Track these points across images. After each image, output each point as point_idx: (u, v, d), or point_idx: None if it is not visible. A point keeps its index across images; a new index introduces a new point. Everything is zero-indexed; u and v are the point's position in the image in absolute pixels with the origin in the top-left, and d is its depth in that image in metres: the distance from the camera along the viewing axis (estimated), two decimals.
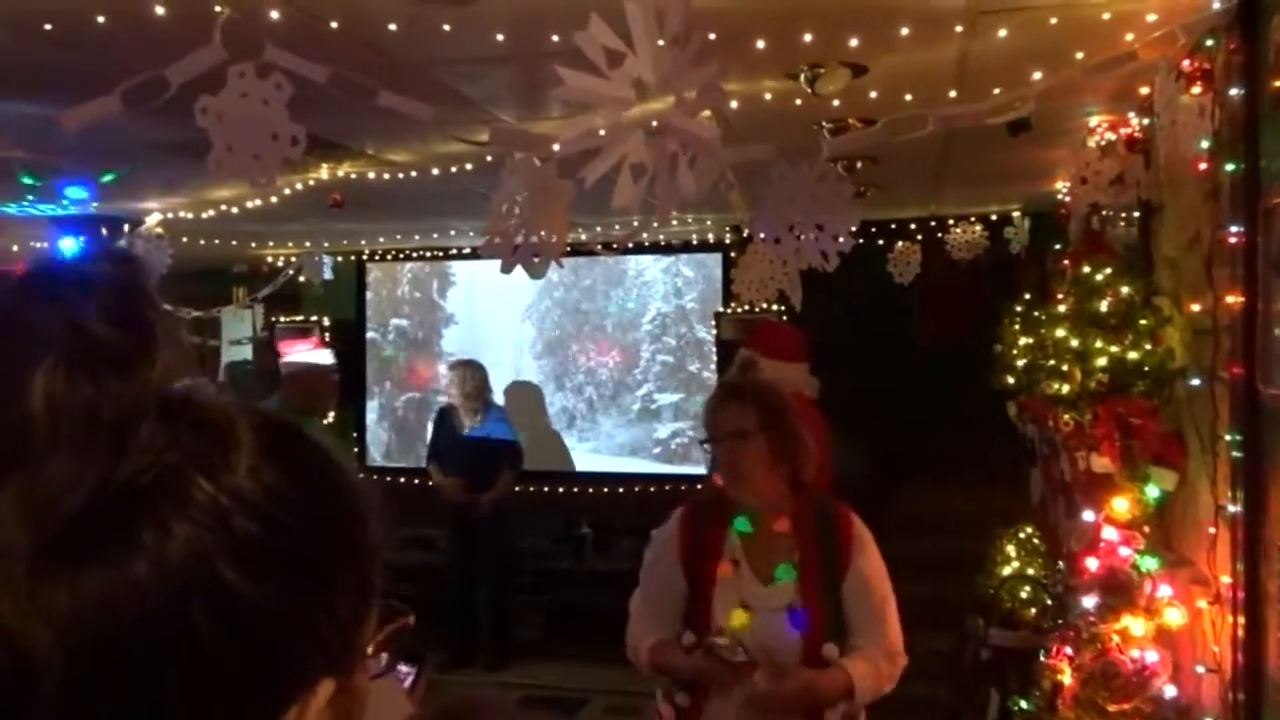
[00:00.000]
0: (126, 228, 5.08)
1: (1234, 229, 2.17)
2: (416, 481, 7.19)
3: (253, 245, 6.65)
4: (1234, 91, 2.19)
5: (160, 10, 2.12)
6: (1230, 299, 2.20)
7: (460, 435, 6.00)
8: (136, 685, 0.51)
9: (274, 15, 2.13)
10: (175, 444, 0.55)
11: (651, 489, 6.36)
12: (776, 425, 2.24)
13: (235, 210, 4.77)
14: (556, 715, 4.93)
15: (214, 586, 0.53)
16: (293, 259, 7.17)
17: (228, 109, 1.96)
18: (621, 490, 6.89)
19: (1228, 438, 2.21)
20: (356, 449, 7.53)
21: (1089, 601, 2.53)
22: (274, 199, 4.40)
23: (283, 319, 7.30)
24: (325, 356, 4.32)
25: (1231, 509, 2.16)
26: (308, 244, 6.85)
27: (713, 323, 6.70)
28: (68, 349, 0.54)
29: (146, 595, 0.51)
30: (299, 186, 4.21)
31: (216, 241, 6.03)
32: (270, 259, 7.25)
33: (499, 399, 6.53)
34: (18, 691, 0.50)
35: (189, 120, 1.93)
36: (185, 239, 5.65)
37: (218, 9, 1.95)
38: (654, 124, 1.32)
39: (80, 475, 0.52)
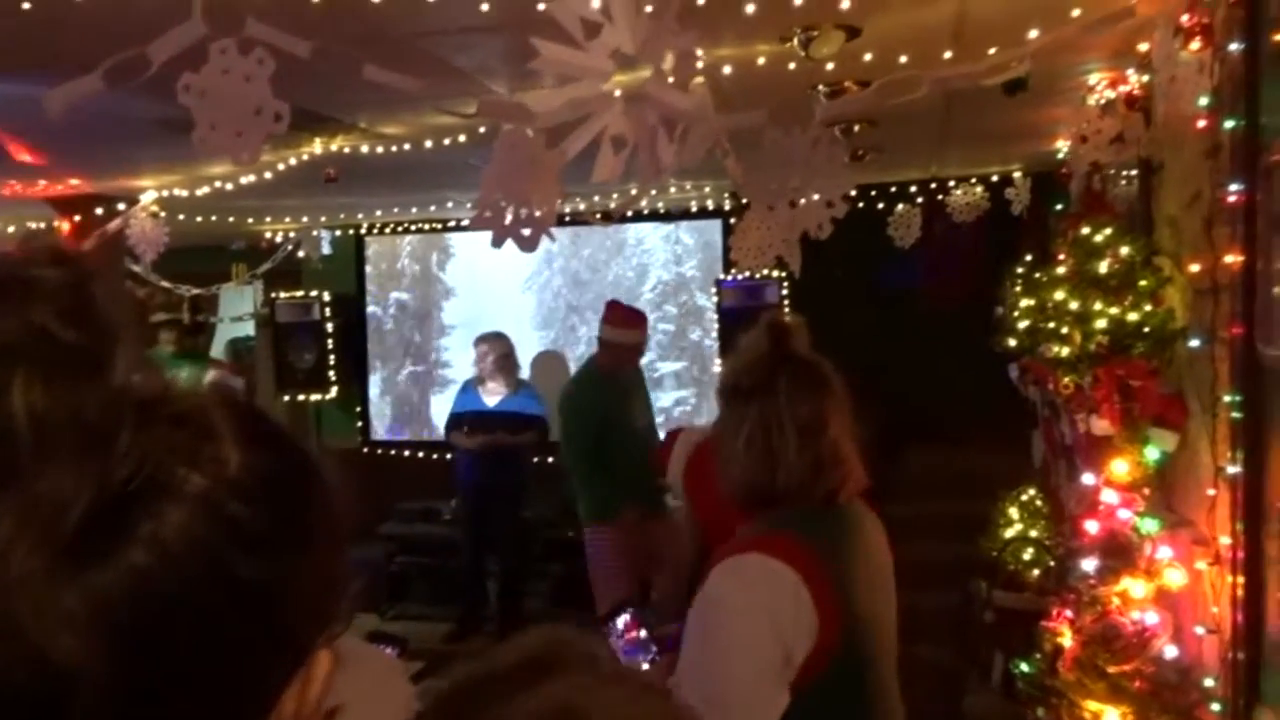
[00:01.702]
0: (122, 206, 5.06)
1: (1234, 187, 2.14)
2: (421, 455, 7.22)
3: (250, 221, 6.63)
4: (1234, 47, 2.15)
5: None
6: (1230, 258, 2.18)
7: (487, 409, 5.98)
8: (164, 674, 0.54)
9: None
10: (159, 442, 0.56)
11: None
12: None
13: (230, 186, 4.75)
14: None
15: (220, 570, 0.55)
16: (291, 234, 7.15)
17: (210, 86, 1.93)
18: None
19: (1227, 398, 2.19)
20: (360, 423, 7.55)
21: (1089, 564, 2.53)
22: (268, 175, 4.38)
23: (283, 294, 7.29)
24: (237, 382, 5.07)
25: (1231, 470, 2.15)
26: (305, 219, 6.83)
27: (714, 290, 6.67)
28: (37, 357, 0.55)
29: (158, 587, 0.53)
30: (293, 162, 4.19)
31: (214, 218, 6.01)
32: (269, 234, 7.23)
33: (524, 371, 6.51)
34: (61, 702, 0.52)
35: (177, 97, 1.90)
36: (182, 216, 5.63)
37: None
38: (629, 92, 1.30)
39: (78, 486, 0.53)
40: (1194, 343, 2.46)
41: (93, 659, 0.52)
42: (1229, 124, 2.16)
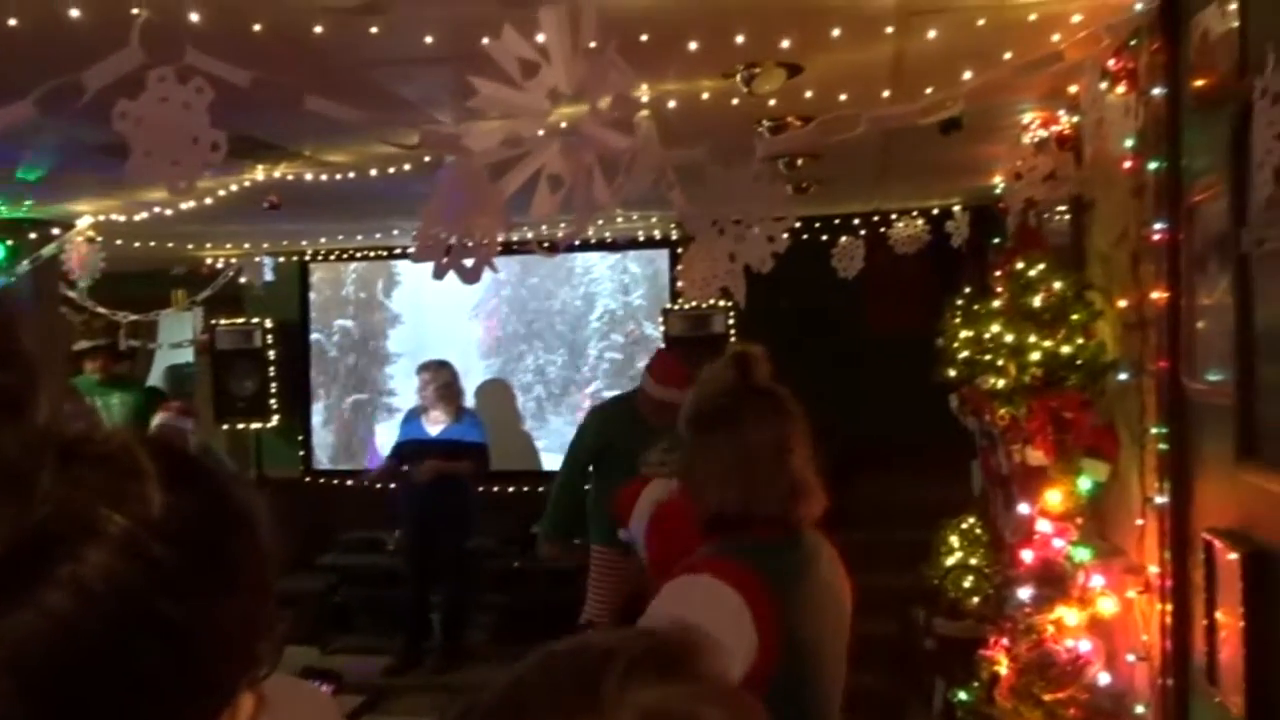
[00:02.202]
0: (56, 231, 4.95)
1: (1158, 226, 2.22)
2: (365, 484, 7.11)
3: (190, 247, 6.52)
4: (1156, 91, 2.23)
5: (76, 13, 2.06)
6: (1155, 294, 2.25)
7: (429, 437, 5.93)
8: (82, 716, 0.53)
9: (194, 17, 2.08)
10: (81, 482, 0.55)
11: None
12: None
13: (170, 212, 4.67)
14: None
15: (141, 611, 0.55)
16: (233, 260, 7.04)
17: (147, 114, 1.91)
18: None
19: (1154, 430, 2.26)
20: (303, 453, 7.42)
21: (1025, 593, 2.57)
22: (209, 200, 4.32)
23: (223, 321, 7.17)
24: (186, 423, 5.19)
25: (1158, 500, 2.21)
26: (247, 245, 6.73)
27: (660, 319, 6.70)
28: None
29: (77, 629, 0.53)
30: (234, 188, 4.14)
31: (152, 244, 5.90)
32: (210, 261, 7.12)
33: (469, 399, 6.47)
34: None
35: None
36: (120, 241, 5.52)
37: (135, 11, 1.90)
38: (566, 128, 1.31)
39: None
40: (1123, 376, 2.53)
41: (6, 701, 0.51)
42: (1153, 165, 2.24)
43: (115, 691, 0.54)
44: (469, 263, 1.90)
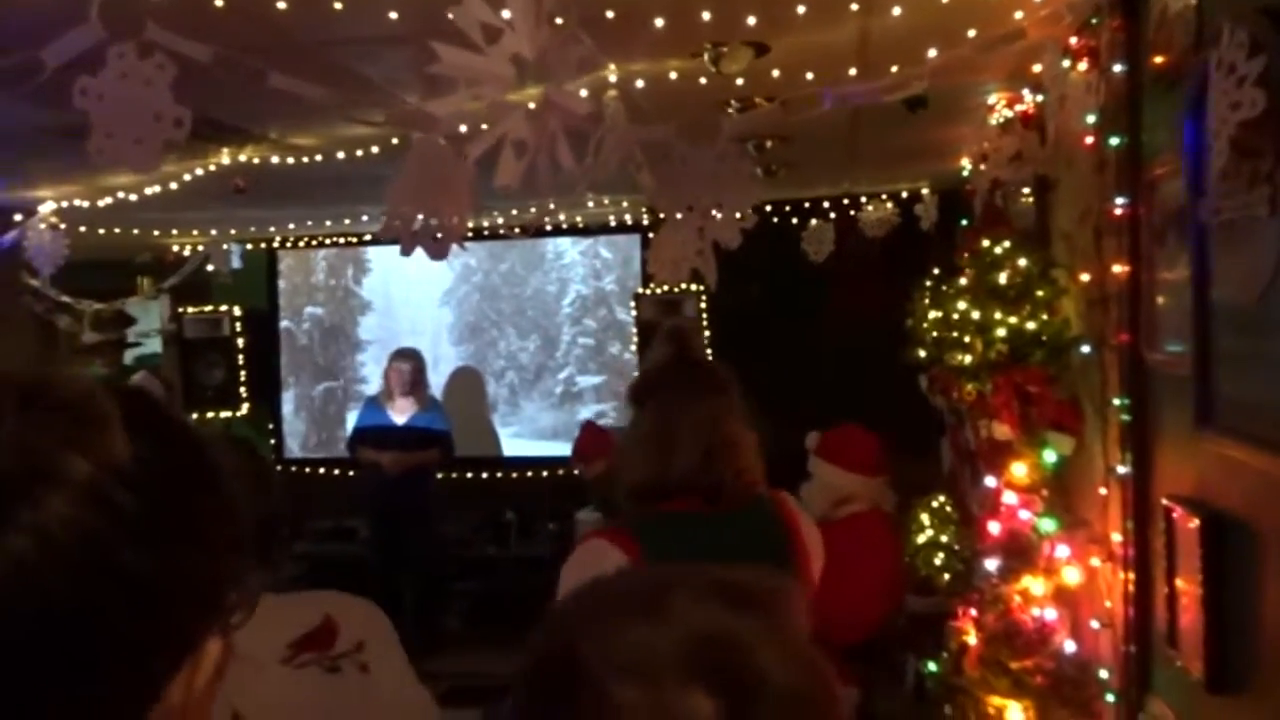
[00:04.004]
0: (18, 217, 4.87)
1: (1119, 201, 2.25)
2: (336, 472, 7.09)
3: (156, 234, 6.44)
4: (1117, 68, 2.26)
5: None
6: (1117, 269, 2.28)
7: (393, 425, 5.91)
8: (45, 662, 0.53)
9: None
10: (43, 428, 0.55)
11: (575, 472, 6.36)
12: None
13: (134, 198, 4.61)
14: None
15: (104, 559, 0.54)
16: (200, 247, 6.97)
17: (107, 91, 1.89)
18: (545, 474, 6.88)
19: (1116, 402, 2.29)
20: (274, 441, 7.38)
21: (992, 564, 2.61)
22: (174, 185, 4.27)
23: (190, 309, 7.09)
24: (156, 386, 5.36)
25: (1120, 470, 2.25)
26: (214, 232, 6.67)
27: (632, 304, 6.71)
28: None
29: (39, 574, 0.52)
30: (199, 172, 4.09)
31: (117, 231, 5.82)
32: (176, 248, 7.03)
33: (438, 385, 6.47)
34: None
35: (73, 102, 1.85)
36: (84, 228, 5.44)
37: None
38: (532, 100, 1.32)
39: None
40: (1085, 350, 2.57)
41: None
42: (1114, 141, 2.26)
43: (76, 637, 0.54)
44: (437, 239, 1.90)
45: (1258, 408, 1.60)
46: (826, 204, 5.94)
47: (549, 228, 6.78)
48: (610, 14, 2.03)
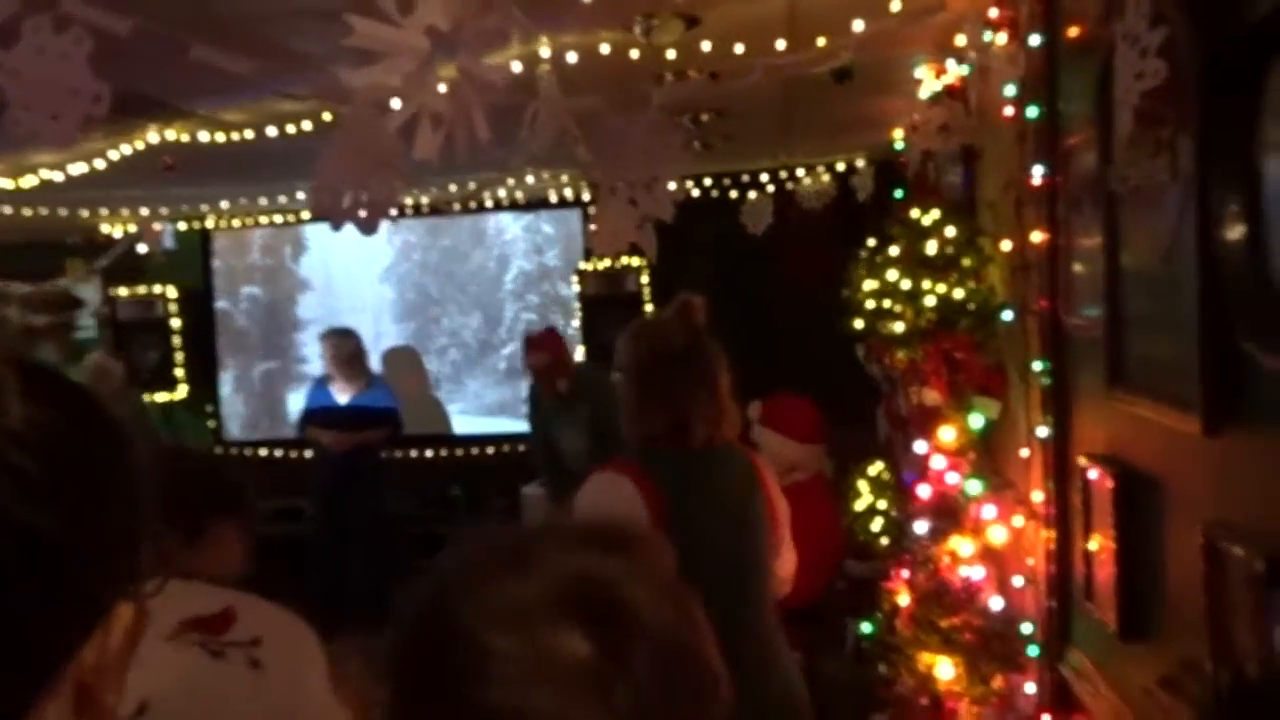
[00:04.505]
0: None
1: (1038, 170, 2.31)
2: (279, 454, 7.02)
3: (85, 214, 6.28)
4: (1035, 39, 2.32)
5: None
6: (1036, 237, 2.35)
7: (337, 405, 5.86)
8: None
9: None
10: None
11: (520, 448, 6.38)
12: None
13: (60, 177, 4.50)
14: None
15: (3, 520, 0.55)
16: (131, 228, 6.81)
17: (23, 65, 1.85)
18: (491, 451, 6.89)
19: (1038, 366, 2.37)
20: (213, 423, 7.27)
21: (922, 526, 2.69)
22: (100, 164, 4.17)
23: (124, 291, 6.94)
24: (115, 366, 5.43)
25: (1042, 432, 2.33)
26: (145, 212, 6.52)
27: (575, 279, 6.71)
28: None
29: None
30: (126, 150, 4.00)
31: (44, 211, 5.67)
32: (107, 229, 6.87)
33: (376, 365, 6.41)
34: None
35: None
36: (9, 209, 5.30)
37: None
38: (443, 71, 1.32)
39: None
40: (1009, 316, 2.65)
41: None
42: (1032, 112, 2.33)
43: None
44: (364, 213, 1.89)
45: (1164, 367, 1.67)
46: (764, 177, 5.98)
47: (489, 204, 6.74)
48: None
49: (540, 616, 0.63)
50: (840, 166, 5.90)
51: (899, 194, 4.98)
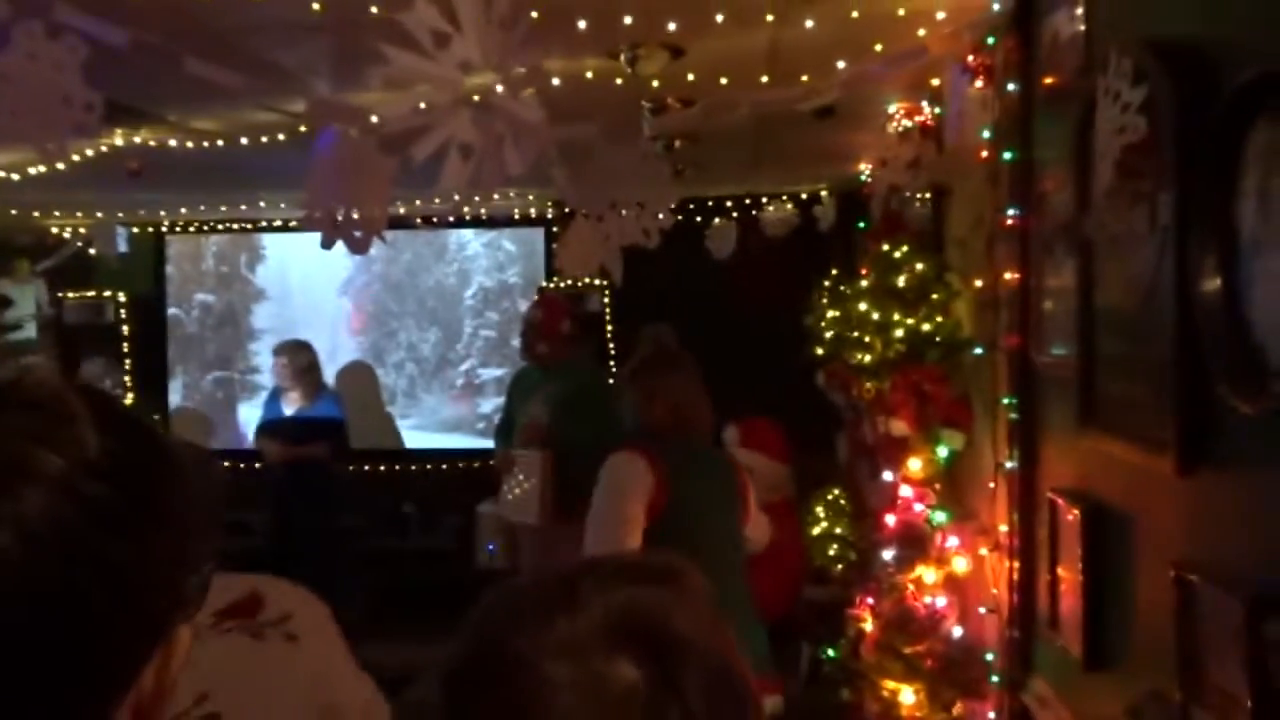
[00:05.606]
0: None
1: (1011, 212, 2.39)
2: (228, 465, 6.88)
3: (36, 215, 6.14)
4: (1011, 86, 2.40)
5: None
6: (1008, 275, 2.43)
7: (284, 416, 5.79)
8: (27, 652, 0.55)
9: None
10: (14, 426, 0.58)
11: (476, 465, 6.34)
12: None
13: (16, 177, 4.40)
14: None
15: (80, 549, 0.57)
16: (82, 230, 6.67)
17: (13, 71, 1.82)
18: (445, 467, 6.84)
19: (1005, 401, 2.44)
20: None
21: (888, 554, 2.74)
22: (61, 166, 4.08)
23: (71, 294, 6.78)
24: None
25: (1008, 465, 2.40)
26: (100, 214, 6.39)
27: (535, 298, 6.71)
28: None
29: (18, 565, 0.55)
30: (90, 153, 3.93)
31: None
32: (57, 229, 6.71)
33: (330, 379, 6.32)
34: None
35: None
36: None
37: None
38: (477, 100, 1.34)
39: None
40: (977, 351, 2.72)
41: None
42: (1007, 155, 2.41)
43: (58, 627, 0.56)
44: (358, 233, 1.90)
45: (1137, 407, 1.74)
46: (729, 203, 6.06)
47: (451, 219, 6.73)
48: (535, 14, 2.06)
49: (593, 647, 0.65)
50: (804, 195, 5.99)
51: (862, 225, 5.09)
